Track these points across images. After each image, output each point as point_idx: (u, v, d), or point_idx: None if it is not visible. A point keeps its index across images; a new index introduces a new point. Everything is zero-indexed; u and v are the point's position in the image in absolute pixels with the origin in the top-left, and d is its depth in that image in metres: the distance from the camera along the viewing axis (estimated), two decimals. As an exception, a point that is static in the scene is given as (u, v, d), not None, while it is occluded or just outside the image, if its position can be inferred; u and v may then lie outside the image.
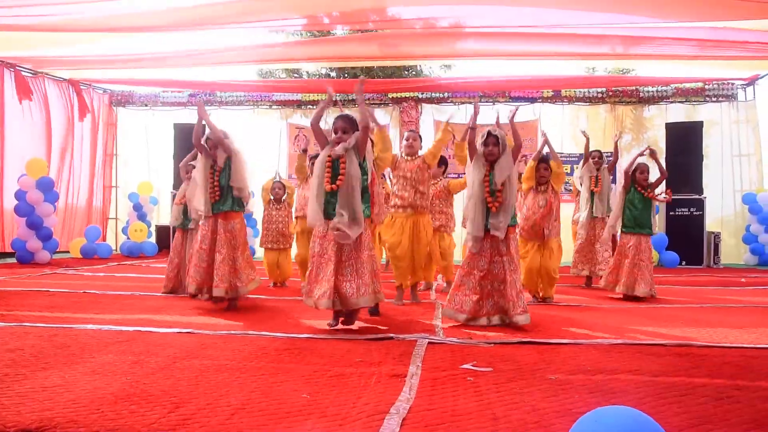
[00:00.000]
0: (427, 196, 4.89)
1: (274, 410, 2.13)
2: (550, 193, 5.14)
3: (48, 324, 3.73)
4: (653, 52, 8.19)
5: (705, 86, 10.23)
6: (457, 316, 3.94)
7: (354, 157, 3.64)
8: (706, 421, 2.06)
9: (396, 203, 4.86)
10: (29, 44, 8.27)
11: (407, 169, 4.84)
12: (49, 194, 8.40)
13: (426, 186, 4.86)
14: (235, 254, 4.57)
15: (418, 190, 4.80)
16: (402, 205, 4.82)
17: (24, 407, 2.12)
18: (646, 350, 3.22)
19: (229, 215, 4.59)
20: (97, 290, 5.47)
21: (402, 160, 4.90)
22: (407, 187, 4.81)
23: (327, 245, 3.64)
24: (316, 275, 3.67)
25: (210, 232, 4.58)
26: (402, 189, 4.84)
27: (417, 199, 4.80)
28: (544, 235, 5.13)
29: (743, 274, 8.06)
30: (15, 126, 9.27)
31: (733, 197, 10.30)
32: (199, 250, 4.60)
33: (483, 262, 3.94)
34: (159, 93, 11.42)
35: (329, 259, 3.61)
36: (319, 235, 3.69)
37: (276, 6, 6.67)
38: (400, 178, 4.86)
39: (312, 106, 11.13)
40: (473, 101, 4.31)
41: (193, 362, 2.82)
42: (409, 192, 4.80)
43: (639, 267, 5.34)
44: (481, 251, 3.95)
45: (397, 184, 4.88)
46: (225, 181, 4.58)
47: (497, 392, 2.38)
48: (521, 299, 3.90)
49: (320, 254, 3.66)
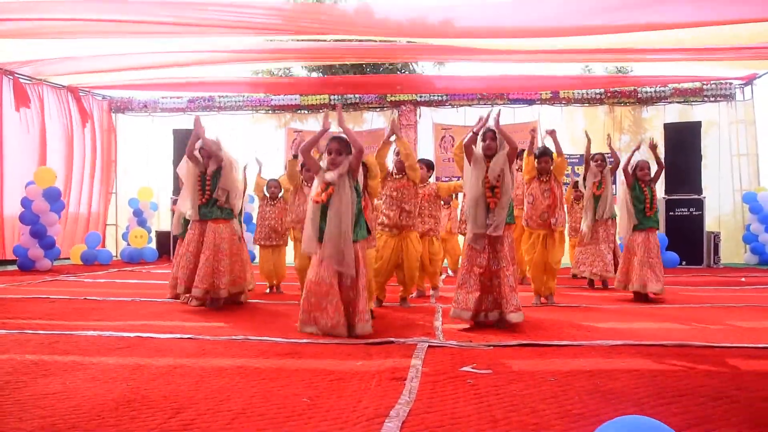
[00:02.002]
0: (413, 214, 4.92)
1: (274, 415, 2.13)
2: (553, 183, 5.22)
3: (49, 331, 3.74)
4: (650, 51, 8.17)
5: (703, 86, 10.25)
6: (462, 315, 3.98)
7: (347, 181, 3.64)
8: (705, 421, 2.07)
9: (382, 221, 4.89)
10: (27, 51, 8.29)
11: (393, 188, 4.86)
12: (55, 204, 8.41)
13: (412, 203, 4.89)
14: (219, 257, 4.77)
15: (404, 209, 4.83)
16: (388, 225, 4.86)
17: (25, 414, 2.12)
18: (646, 351, 3.23)
19: (217, 221, 4.83)
20: (98, 297, 5.48)
21: (390, 179, 4.92)
22: (393, 206, 4.84)
23: (324, 273, 3.62)
24: (317, 304, 3.63)
25: (197, 235, 4.84)
26: (388, 208, 4.87)
27: (403, 218, 4.83)
28: (551, 224, 5.19)
29: (743, 274, 8.06)
30: (14, 133, 9.28)
31: (732, 197, 10.32)
32: (185, 252, 4.85)
33: (482, 259, 4.01)
34: (158, 99, 11.45)
35: (331, 287, 3.60)
36: (317, 263, 3.67)
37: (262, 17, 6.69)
38: (386, 196, 4.90)
39: (309, 110, 11.14)
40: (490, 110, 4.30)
41: (194, 368, 2.82)
42: (394, 212, 4.83)
43: (650, 264, 5.36)
44: (480, 248, 4.01)
45: (385, 202, 4.92)
46: (213, 187, 4.80)
47: (497, 395, 2.38)
48: (514, 297, 3.96)
49: (317, 283, 3.64)
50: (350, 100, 10.88)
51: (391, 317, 4.44)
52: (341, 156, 3.67)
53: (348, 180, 3.65)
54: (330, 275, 3.60)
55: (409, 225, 4.90)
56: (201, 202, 4.82)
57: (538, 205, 5.22)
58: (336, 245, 3.56)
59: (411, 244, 4.92)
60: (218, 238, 4.81)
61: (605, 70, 14.79)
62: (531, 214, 5.26)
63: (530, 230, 5.30)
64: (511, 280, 3.98)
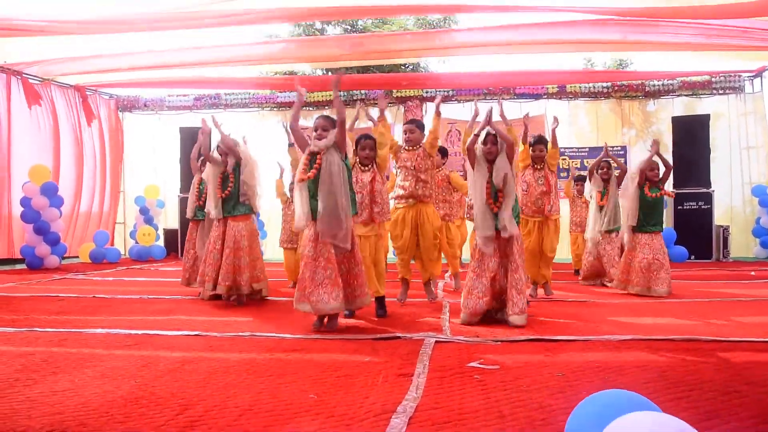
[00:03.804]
0: (431, 185, 4.82)
1: (281, 411, 2.14)
2: (547, 171, 5.22)
3: (58, 329, 3.77)
4: (656, 39, 8.05)
5: (711, 79, 10.13)
6: (472, 321, 3.97)
7: (334, 151, 3.65)
8: (714, 416, 2.05)
9: (398, 194, 4.81)
10: (35, 51, 8.34)
11: (407, 159, 4.78)
12: (53, 199, 8.46)
13: (428, 174, 4.78)
14: (239, 254, 4.93)
15: (420, 178, 4.73)
16: (404, 196, 4.77)
17: (34, 411, 2.14)
18: (654, 345, 3.21)
19: (237, 218, 4.98)
20: (106, 294, 5.51)
21: (403, 151, 4.87)
22: (408, 176, 4.76)
23: (321, 248, 3.63)
24: (311, 279, 3.62)
25: (221, 233, 5.00)
26: (404, 179, 4.79)
27: (419, 188, 4.73)
28: (546, 211, 5.19)
29: (753, 268, 8.00)
30: (22, 133, 9.33)
31: (741, 190, 10.21)
32: (212, 250, 5.00)
33: (493, 263, 3.99)
34: (164, 97, 11.47)
35: (329, 261, 3.62)
36: (311, 238, 3.67)
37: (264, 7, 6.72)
38: (402, 168, 4.83)
39: (314, 107, 11.14)
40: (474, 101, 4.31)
41: (201, 364, 2.84)
42: (410, 181, 4.74)
43: (656, 266, 5.33)
44: (490, 251, 3.99)
45: (400, 175, 4.85)
46: (235, 185, 4.95)
47: (504, 390, 2.38)
48: (521, 300, 3.93)
49: (314, 258, 3.64)
50: (356, 96, 10.86)
51: (399, 313, 4.44)
52: (327, 132, 3.71)
53: (336, 152, 3.65)
54: (327, 250, 3.62)
55: (426, 195, 4.78)
56: (222, 197, 4.94)
57: (532, 191, 5.20)
58: (334, 219, 3.55)
59: (428, 218, 4.78)
60: (238, 235, 4.94)
61: (604, 64, 14.69)
62: (525, 201, 5.22)
63: (525, 218, 5.28)
64: (519, 284, 3.95)
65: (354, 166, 4.37)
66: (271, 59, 10.00)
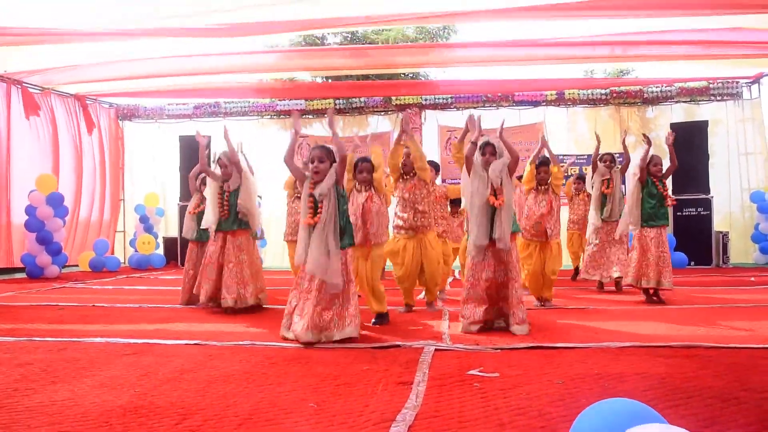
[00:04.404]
0: (429, 214, 4.84)
1: (281, 420, 2.14)
2: (551, 194, 5.24)
3: (57, 338, 3.76)
4: (655, 53, 8.14)
5: (709, 85, 10.17)
6: (471, 328, 3.96)
7: (334, 193, 3.64)
8: (714, 423, 2.05)
9: (398, 224, 4.83)
10: (36, 60, 8.37)
11: (405, 190, 4.81)
12: (59, 209, 8.47)
13: (426, 204, 4.81)
14: (241, 267, 5.03)
15: (418, 210, 4.76)
16: (404, 227, 4.80)
17: (34, 421, 2.14)
18: (654, 352, 3.20)
19: (236, 233, 5.09)
20: (106, 303, 5.50)
21: (401, 180, 4.89)
22: (407, 208, 4.78)
23: (310, 282, 3.65)
24: (300, 307, 3.66)
25: (219, 247, 5.10)
26: (402, 210, 4.82)
27: (417, 219, 4.76)
28: (546, 234, 5.19)
29: (753, 274, 8.00)
30: (23, 142, 9.34)
31: (740, 196, 10.22)
32: (208, 264, 5.09)
33: (488, 272, 3.99)
34: (164, 106, 11.49)
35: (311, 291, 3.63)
36: (307, 278, 3.67)
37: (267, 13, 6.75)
38: (400, 198, 4.86)
39: (314, 115, 11.17)
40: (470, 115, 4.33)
41: (201, 373, 2.83)
42: (408, 213, 4.76)
43: (663, 259, 5.35)
44: (484, 260, 3.99)
45: (399, 205, 4.87)
46: (234, 201, 5.05)
47: (504, 398, 2.38)
48: (521, 309, 3.93)
49: (307, 290, 3.66)
50: (355, 104, 10.88)
51: (398, 321, 4.44)
52: (323, 163, 3.68)
53: (335, 190, 3.66)
54: (317, 283, 3.61)
55: (425, 225, 4.80)
56: (222, 217, 5.05)
57: (531, 215, 5.25)
58: (320, 258, 3.55)
59: (430, 245, 4.80)
60: (237, 249, 5.04)
61: (605, 72, 14.74)
62: (525, 224, 5.28)
63: (527, 241, 5.31)
64: (519, 293, 3.96)
65: (351, 189, 4.40)
66: (271, 69, 10.04)
